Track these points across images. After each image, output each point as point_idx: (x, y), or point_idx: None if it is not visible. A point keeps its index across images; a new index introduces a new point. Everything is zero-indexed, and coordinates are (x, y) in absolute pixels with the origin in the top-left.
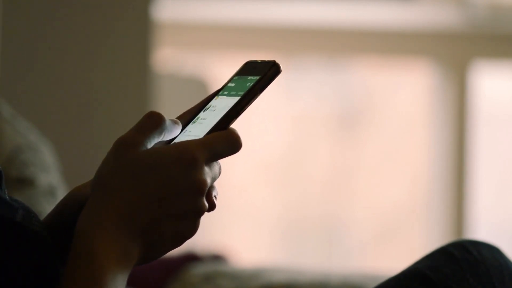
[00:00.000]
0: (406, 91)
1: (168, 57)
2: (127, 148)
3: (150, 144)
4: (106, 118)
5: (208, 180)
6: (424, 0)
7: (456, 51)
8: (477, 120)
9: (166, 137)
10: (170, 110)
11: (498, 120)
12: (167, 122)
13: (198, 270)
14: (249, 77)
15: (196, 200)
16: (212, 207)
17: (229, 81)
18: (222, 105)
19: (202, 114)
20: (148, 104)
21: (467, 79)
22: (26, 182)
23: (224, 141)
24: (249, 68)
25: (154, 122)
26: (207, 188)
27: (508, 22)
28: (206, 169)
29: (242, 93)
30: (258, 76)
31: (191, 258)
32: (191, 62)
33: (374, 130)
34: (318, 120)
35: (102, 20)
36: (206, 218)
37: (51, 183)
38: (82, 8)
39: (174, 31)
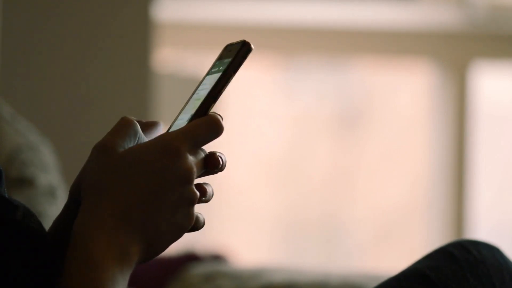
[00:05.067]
0: (406, 91)
1: (168, 57)
2: (108, 151)
3: (127, 146)
4: (106, 118)
5: (194, 168)
6: (424, 0)
7: (456, 51)
8: (477, 120)
9: (142, 138)
10: (170, 110)
11: (498, 120)
12: (138, 126)
13: (198, 270)
14: (225, 60)
15: (186, 189)
16: (204, 194)
17: (212, 66)
18: (204, 90)
19: (191, 101)
20: (148, 104)
21: (467, 79)
22: (26, 182)
23: (204, 127)
24: (226, 51)
25: (126, 125)
26: (194, 176)
27: (508, 22)
28: (191, 157)
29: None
30: (231, 58)
31: (191, 258)
32: (191, 62)
33: (374, 130)
34: (318, 120)
35: (102, 20)
36: (206, 218)
37: (51, 183)
38: (82, 8)
39: (174, 31)
